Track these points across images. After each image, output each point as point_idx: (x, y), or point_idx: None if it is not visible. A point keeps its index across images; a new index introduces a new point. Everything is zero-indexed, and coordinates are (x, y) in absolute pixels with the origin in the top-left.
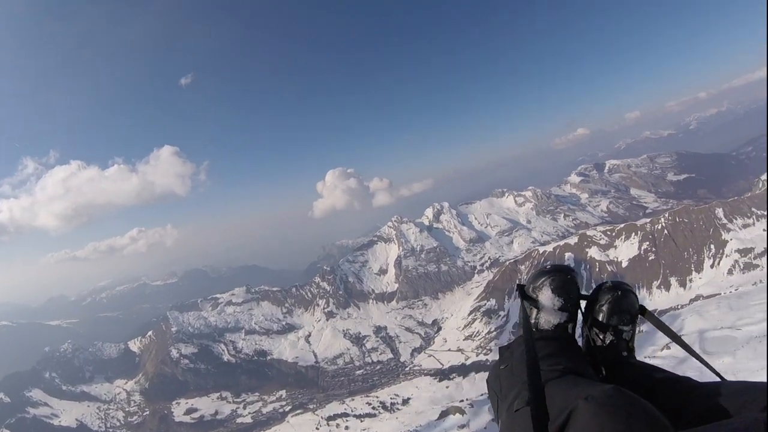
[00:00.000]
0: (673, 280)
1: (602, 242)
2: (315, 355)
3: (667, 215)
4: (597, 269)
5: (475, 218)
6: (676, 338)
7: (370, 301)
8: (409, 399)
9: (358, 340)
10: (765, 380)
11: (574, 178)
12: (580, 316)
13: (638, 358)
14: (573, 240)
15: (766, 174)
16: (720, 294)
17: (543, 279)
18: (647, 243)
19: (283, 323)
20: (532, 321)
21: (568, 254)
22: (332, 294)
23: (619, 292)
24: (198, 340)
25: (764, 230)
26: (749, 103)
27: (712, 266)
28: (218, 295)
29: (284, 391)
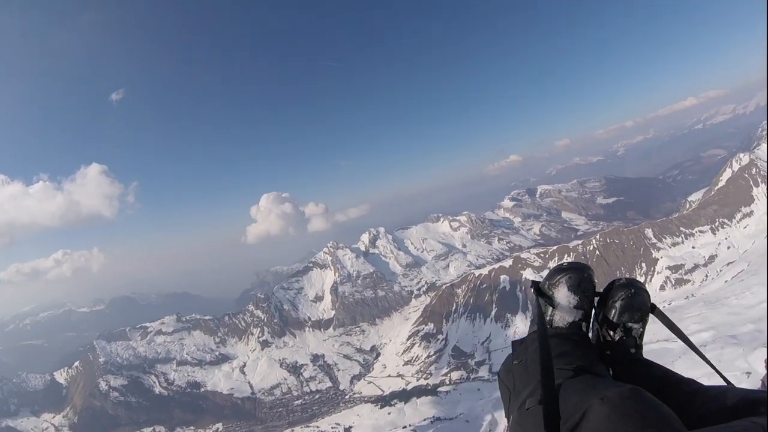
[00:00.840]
0: None
1: (536, 264)
2: (251, 386)
3: (598, 237)
4: (532, 291)
5: (411, 243)
6: (685, 339)
7: (307, 328)
8: (350, 428)
9: (295, 369)
10: None
11: (508, 203)
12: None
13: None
14: (508, 263)
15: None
16: None
17: (559, 276)
18: None
19: (216, 353)
20: (547, 318)
21: (503, 276)
22: (267, 322)
23: (633, 290)
24: (127, 371)
25: (693, 247)
26: (674, 131)
27: (645, 283)
28: (147, 324)
29: (221, 424)
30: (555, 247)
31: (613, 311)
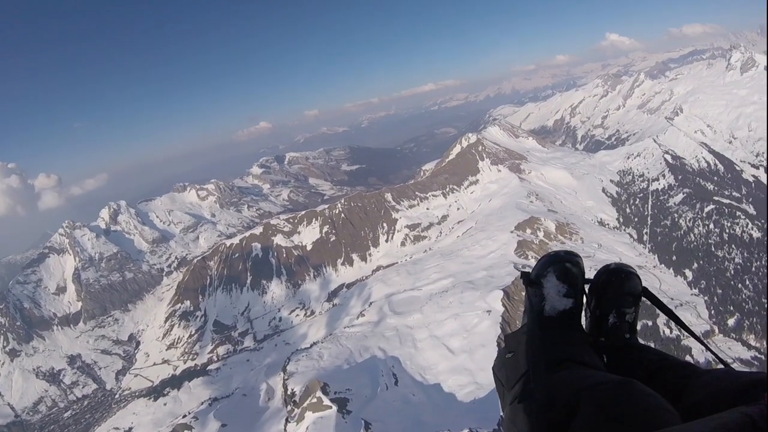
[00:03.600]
0: (354, 256)
1: (286, 229)
2: (12, 408)
3: (343, 201)
4: (284, 255)
5: (157, 216)
6: (677, 320)
7: (55, 327)
8: (131, 429)
9: (53, 377)
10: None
11: (256, 170)
12: (584, 301)
13: None
14: (258, 230)
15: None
16: (397, 263)
17: (548, 266)
18: (327, 226)
19: None
20: (538, 309)
21: (255, 244)
22: (9, 327)
23: (623, 275)
24: None
25: (428, 209)
26: (413, 110)
27: (386, 241)
28: None
29: None
30: (303, 212)
31: (605, 297)
